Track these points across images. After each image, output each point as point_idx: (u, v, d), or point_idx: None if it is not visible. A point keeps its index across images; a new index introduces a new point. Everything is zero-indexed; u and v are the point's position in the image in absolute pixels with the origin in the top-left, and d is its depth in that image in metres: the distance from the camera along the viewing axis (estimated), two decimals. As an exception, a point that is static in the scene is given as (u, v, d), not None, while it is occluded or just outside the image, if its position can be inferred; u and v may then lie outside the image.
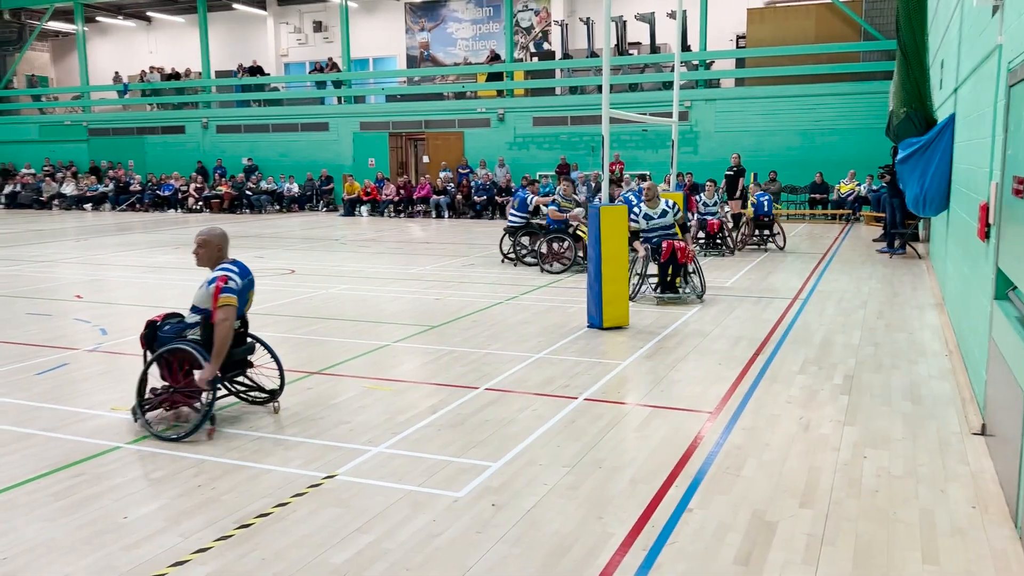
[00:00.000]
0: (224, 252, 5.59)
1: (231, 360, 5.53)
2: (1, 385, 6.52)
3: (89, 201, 28.62)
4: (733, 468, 4.70)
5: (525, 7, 29.31)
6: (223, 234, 5.64)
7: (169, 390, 5.46)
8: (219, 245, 5.56)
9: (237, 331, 5.51)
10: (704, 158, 23.37)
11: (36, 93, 35.68)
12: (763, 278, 11.89)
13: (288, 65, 33.39)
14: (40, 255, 15.48)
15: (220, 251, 5.56)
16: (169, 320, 5.69)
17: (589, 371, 6.89)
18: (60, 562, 3.66)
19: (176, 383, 5.45)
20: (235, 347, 5.52)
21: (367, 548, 3.78)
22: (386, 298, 10.62)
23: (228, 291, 5.32)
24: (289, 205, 26.85)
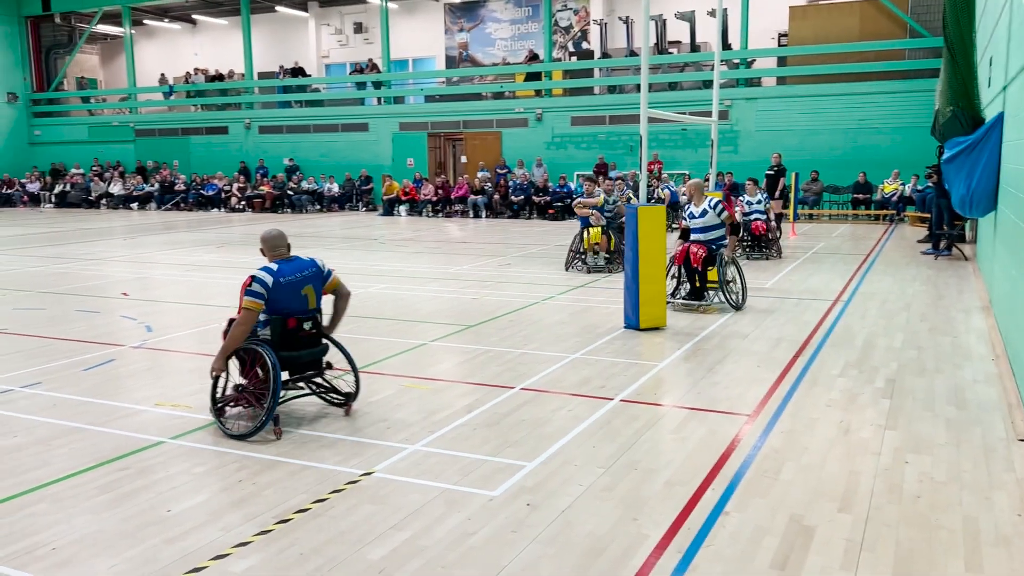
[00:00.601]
0: (275, 251, 5.57)
1: (299, 362, 5.54)
2: (51, 380, 6.69)
3: (135, 200, 29.23)
4: (771, 471, 4.65)
5: (564, 6, 29.26)
6: (271, 235, 5.63)
7: (238, 388, 5.50)
8: (268, 245, 5.59)
9: (306, 332, 5.49)
10: (744, 157, 23.12)
11: (85, 95, 36.54)
12: (804, 279, 11.74)
13: (329, 66, 33.76)
14: (88, 253, 15.86)
15: (270, 251, 5.58)
16: None
17: (625, 372, 6.86)
18: (106, 553, 3.75)
19: (248, 381, 5.49)
20: (302, 348, 5.50)
21: (403, 545, 3.82)
22: (424, 297, 10.69)
23: (251, 294, 5.31)
24: (329, 205, 27.15)
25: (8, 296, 10.91)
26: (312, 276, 5.58)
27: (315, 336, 5.64)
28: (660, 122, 21.39)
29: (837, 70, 22.42)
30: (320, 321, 5.68)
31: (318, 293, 5.64)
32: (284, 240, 5.67)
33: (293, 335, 5.45)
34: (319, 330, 5.68)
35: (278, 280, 5.38)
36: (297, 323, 5.47)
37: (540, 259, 14.42)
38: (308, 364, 5.64)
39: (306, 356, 5.56)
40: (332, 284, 5.72)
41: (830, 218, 21.89)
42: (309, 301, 5.55)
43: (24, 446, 5.15)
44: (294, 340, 5.46)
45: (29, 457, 4.96)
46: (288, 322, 5.42)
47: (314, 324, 5.62)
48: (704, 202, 9.63)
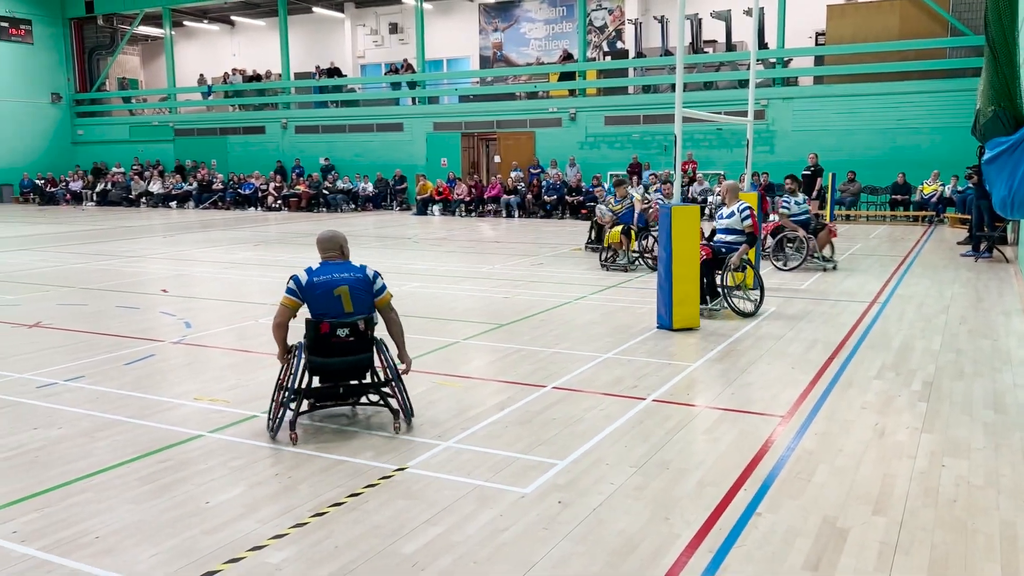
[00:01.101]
0: (325, 252, 5.49)
1: (330, 369, 5.32)
2: (93, 374, 6.86)
3: (174, 199, 29.73)
4: (804, 473, 4.63)
5: (599, 6, 29.21)
6: (323, 237, 5.55)
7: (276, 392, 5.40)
8: (319, 246, 5.52)
9: (340, 339, 5.23)
10: (780, 157, 22.90)
11: (126, 95, 37.26)
12: (840, 281, 11.61)
13: (364, 66, 34.04)
14: (129, 250, 16.18)
15: (321, 252, 5.51)
16: None
17: (658, 372, 6.85)
18: (147, 543, 3.85)
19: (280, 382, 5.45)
20: (334, 355, 5.26)
21: (435, 540, 3.87)
22: (456, 296, 10.76)
23: (287, 291, 5.29)
24: (364, 204, 27.37)
25: (52, 292, 11.17)
26: (352, 280, 5.33)
27: (351, 345, 5.28)
28: (695, 122, 21.27)
29: (876, 69, 22.11)
30: (364, 331, 5.30)
31: (357, 300, 5.31)
32: (336, 243, 5.51)
33: (325, 341, 5.23)
34: (360, 340, 5.31)
35: (312, 279, 5.28)
36: (331, 329, 5.21)
37: (573, 259, 14.42)
38: (343, 373, 5.37)
39: (339, 364, 5.29)
40: (382, 301, 5.45)
41: (867, 219, 21.60)
42: (343, 304, 5.27)
43: (68, 438, 5.29)
44: (326, 346, 5.24)
45: (73, 448, 5.09)
46: (320, 327, 5.21)
47: (353, 332, 5.27)
48: (735, 204, 9.41)
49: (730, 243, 9.29)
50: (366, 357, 5.37)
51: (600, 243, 13.89)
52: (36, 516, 4.13)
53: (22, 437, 5.30)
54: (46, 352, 7.67)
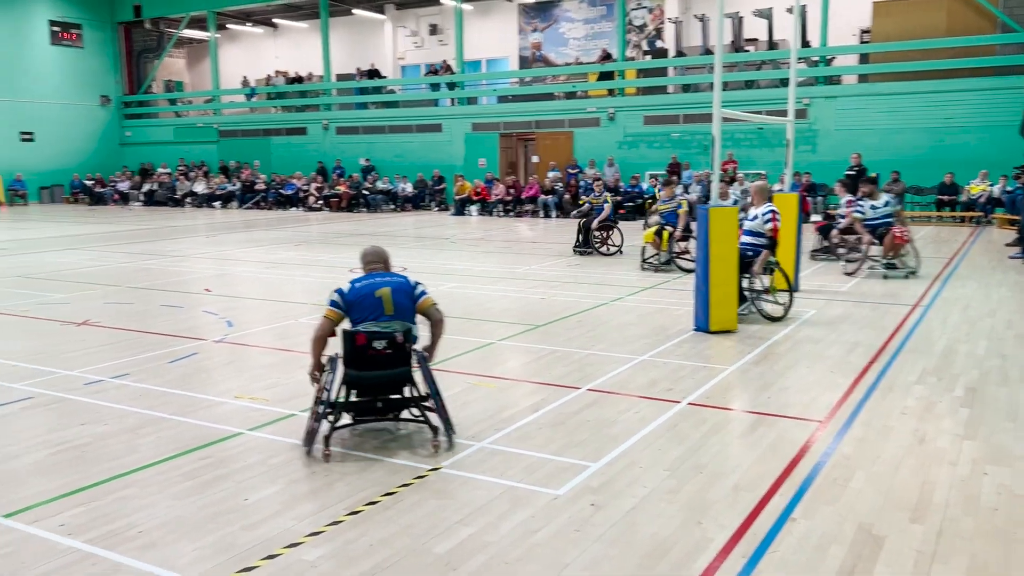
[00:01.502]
0: (367, 266, 5.45)
1: (365, 382, 5.13)
2: (138, 372, 7.03)
3: (218, 199, 30.25)
4: (841, 479, 4.57)
5: (639, 5, 29.07)
6: (366, 251, 5.52)
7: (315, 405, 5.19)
8: (362, 260, 5.50)
9: (377, 351, 5.03)
10: (823, 157, 22.58)
11: (172, 97, 38.03)
12: (882, 283, 11.42)
13: (404, 68, 34.30)
14: (174, 250, 16.52)
15: (363, 266, 5.46)
16: None
17: (694, 375, 6.82)
18: (188, 537, 3.94)
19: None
20: (370, 368, 5.07)
21: (468, 540, 3.91)
22: (492, 296, 10.80)
23: (331, 304, 5.19)
24: (403, 204, 27.58)
25: (99, 290, 11.46)
26: (393, 283, 5.26)
27: (388, 358, 5.08)
28: (734, 121, 21.06)
29: (922, 67, 21.67)
30: (402, 344, 5.10)
31: (398, 304, 5.19)
32: (379, 257, 5.48)
33: (361, 353, 5.04)
34: (397, 354, 5.10)
35: (354, 286, 5.22)
36: (367, 340, 5.02)
37: (609, 260, 14.39)
38: (379, 387, 5.18)
39: (374, 378, 5.10)
40: (424, 305, 5.31)
41: (912, 220, 21.18)
42: (384, 306, 5.16)
43: (113, 434, 5.44)
44: (362, 359, 5.05)
45: (118, 444, 5.23)
46: (357, 338, 5.03)
47: (390, 345, 5.06)
48: (762, 207, 9.17)
49: (755, 246, 9.07)
50: (404, 371, 5.17)
51: (588, 246, 14.98)
52: (82, 510, 4.25)
53: (69, 433, 5.46)
54: (93, 350, 7.88)
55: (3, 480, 4.68)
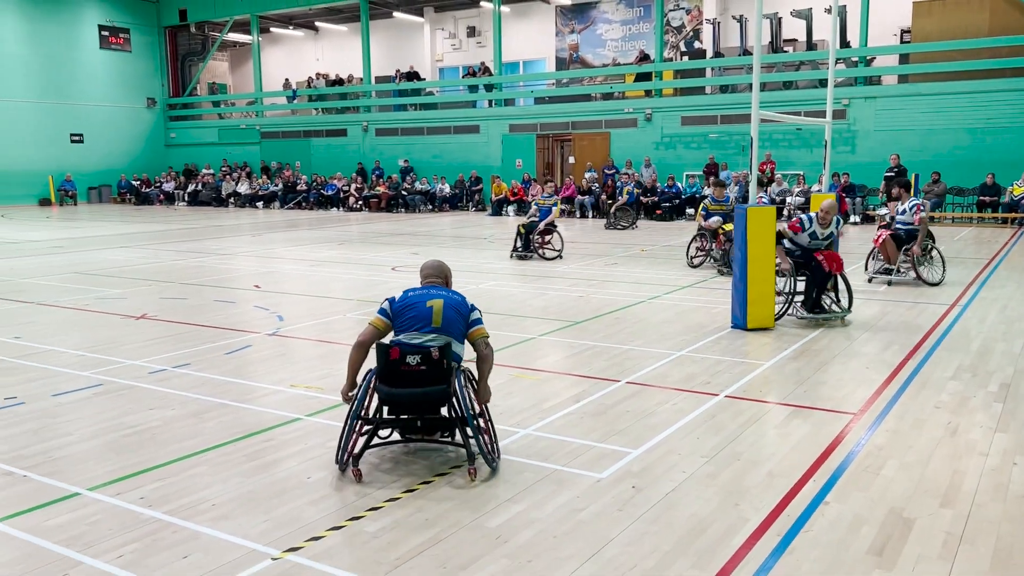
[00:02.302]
0: (427, 280, 5.09)
1: (396, 400, 4.77)
2: (199, 362, 7.40)
3: (260, 199, 30.92)
4: (873, 467, 4.75)
5: (676, 6, 29.14)
6: (425, 264, 5.19)
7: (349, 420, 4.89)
8: (421, 274, 5.15)
9: (411, 367, 4.68)
10: (862, 158, 22.51)
11: (216, 99, 38.90)
12: (920, 283, 11.46)
13: (443, 70, 34.72)
14: (220, 248, 17.04)
15: (423, 280, 5.11)
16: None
17: (731, 370, 7.01)
18: (258, 510, 4.26)
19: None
20: (402, 385, 4.71)
21: (517, 516, 4.17)
22: (531, 294, 11.06)
23: (379, 311, 4.88)
24: (441, 205, 27.97)
25: (153, 286, 11.93)
26: (447, 298, 4.90)
27: (422, 375, 4.69)
28: (772, 122, 21.10)
29: (964, 67, 21.50)
30: (439, 359, 4.70)
31: (448, 318, 4.81)
32: (439, 272, 5.12)
33: (394, 368, 4.69)
34: (432, 371, 4.70)
35: (407, 294, 4.90)
36: (400, 355, 4.67)
37: (646, 259, 14.57)
38: (411, 405, 4.81)
39: (405, 396, 4.73)
40: (474, 335, 4.92)
41: (953, 221, 21.04)
42: (433, 316, 4.79)
43: (180, 418, 5.79)
44: (394, 375, 4.70)
45: (186, 428, 5.58)
46: (391, 351, 4.69)
47: (424, 361, 4.68)
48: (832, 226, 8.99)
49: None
50: (439, 390, 4.75)
51: (528, 250, 14.72)
52: (159, 485, 4.59)
53: (140, 417, 5.82)
54: (154, 341, 8.29)
55: (84, 457, 5.05)
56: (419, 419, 4.89)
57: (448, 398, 4.82)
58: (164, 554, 3.79)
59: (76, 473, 4.78)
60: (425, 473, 4.74)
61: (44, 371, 7.10)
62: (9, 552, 3.84)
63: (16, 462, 4.95)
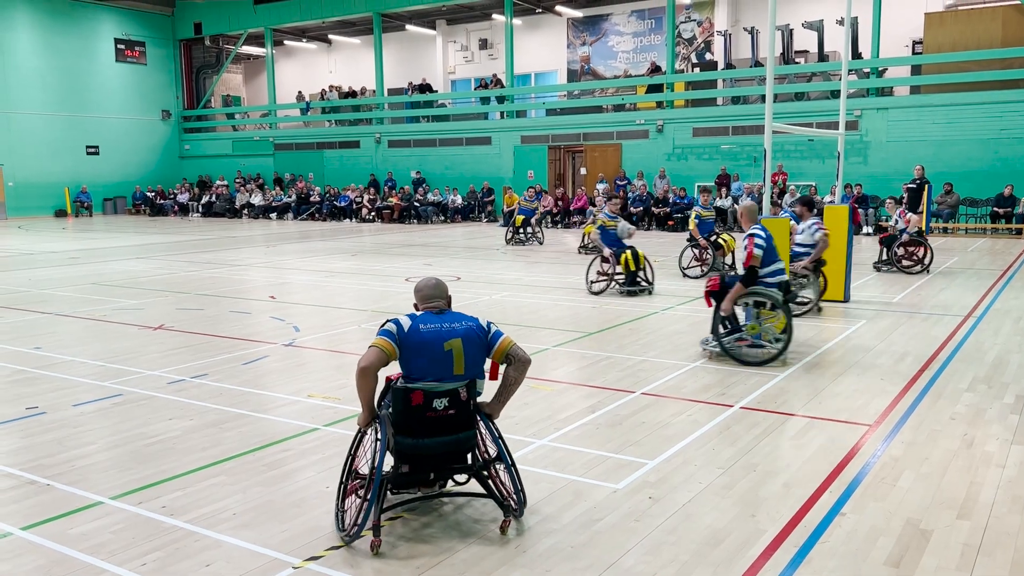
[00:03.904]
0: (427, 303, 4.35)
1: (423, 454, 4.13)
2: (216, 372, 7.47)
3: (274, 211, 31.12)
4: (889, 478, 4.76)
5: (688, 18, 29.25)
6: (425, 285, 4.43)
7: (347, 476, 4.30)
8: (420, 296, 4.41)
9: (437, 413, 4.10)
10: (874, 169, 22.49)
11: (230, 111, 39.21)
12: (934, 294, 11.45)
13: (455, 82, 34.91)
14: (235, 259, 17.16)
15: (422, 303, 4.38)
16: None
17: (746, 381, 7.02)
18: (278, 519, 4.31)
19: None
20: (428, 435, 4.10)
21: (536, 526, 4.20)
22: (545, 305, 11.09)
23: (381, 333, 4.15)
24: (453, 216, 28.08)
25: (171, 297, 12.04)
26: (464, 331, 4.20)
27: (452, 420, 4.15)
28: (785, 133, 21.12)
29: (977, 78, 21.48)
30: (466, 400, 4.19)
31: (470, 358, 4.19)
32: (441, 292, 4.39)
33: (418, 415, 4.08)
34: (462, 413, 4.18)
35: (416, 325, 4.15)
36: (425, 399, 4.07)
37: (659, 270, 14.56)
38: (438, 457, 4.19)
39: (434, 447, 4.12)
40: (501, 348, 4.30)
41: (966, 232, 20.97)
42: (454, 363, 4.14)
43: (199, 428, 5.85)
44: (419, 423, 4.09)
45: (205, 437, 5.64)
46: (412, 396, 4.07)
47: (453, 403, 4.13)
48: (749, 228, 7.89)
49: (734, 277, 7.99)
50: (469, 436, 4.24)
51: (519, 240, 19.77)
52: (180, 494, 4.64)
53: (160, 426, 5.89)
54: (172, 352, 8.37)
55: (106, 466, 5.11)
56: (434, 472, 4.27)
57: (476, 443, 4.31)
58: (187, 562, 3.84)
59: (99, 482, 4.84)
60: (441, 481, 4.77)
61: (65, 381, 7.18)
62: (35, 560, 3.90)
63: (40, 471, 5.02)
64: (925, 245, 13.64)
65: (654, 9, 29.60)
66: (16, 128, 32.15)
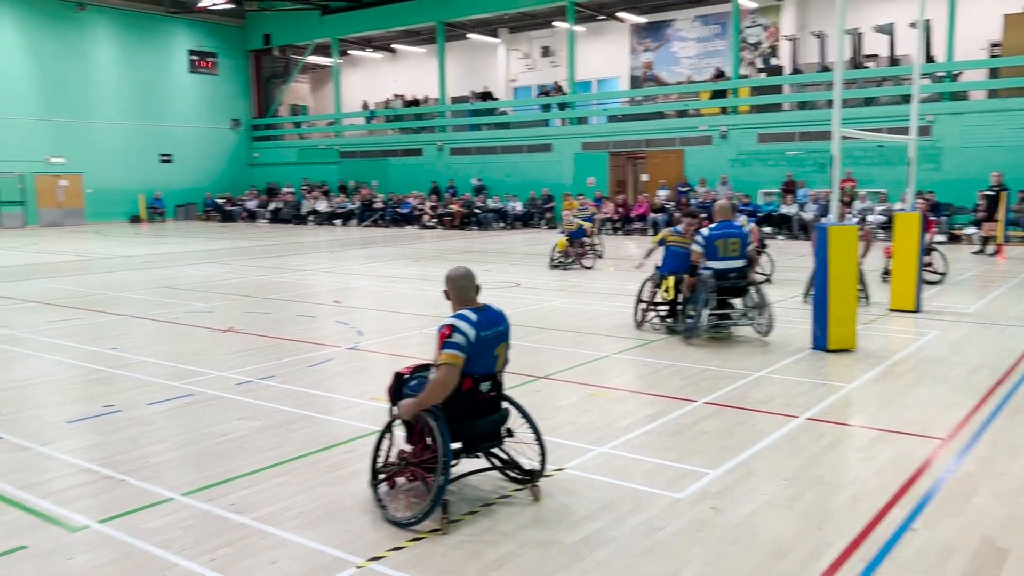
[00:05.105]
0: (463, 293, 4.59)
1: (477, 433, 4.55)
2: (283, 374, 7.64)
3: (338, 217, 31.68)
4: (964, 494, 4.60)
5: (753, 23, 28.83)
6: (459, 275, 4.62)
7: (401, 463, 4.62)
8: (455, 286, 4.61)
9: (485, 395, 4.52)
10: (948, 175, 21.78)
11: (297, 120, 40.11)
12: (1011, 305, 11.03)
13: (516, 89, 35.07)
14: (301, 264, 17.52)
15: (458, 294, 4.60)
16: (418, 374, 4.78)
17: (812, 391, 6.88)
18: (341, 518, 4.38)
19: (416, 452, 4.56)
20: (479, 416, 4.53)
21: (594, 534, 4.18)
22: (605, 312, 11.04)
23: (451, 346, 4.31)
24: (513, 222, 28.17)
25: (240, 301, 12.35)
26: (506, 333, 4.62)
27: (494, 400, 4.62)
28: (854, 139, 20.63)
29: (1058, 80, 20.63)
30: (501, 381, 4.67)
31: (505, 361, 4.69)
32: (473, 280, 4.63)
33: (468, 399, 4.43)
34: (498, 392, 4.66)
35: (480, 333, 4.40)
36: (473, 384, 4.44)
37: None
38: (485, 436, 4.60)
39: (484, 426, 4.56)
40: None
41: (1045, 241, 20.15)
42: (497, 362, 4.58)
43: (266, 428, 5.99)
44: (470, 406, 4.45)
45: (272, 437, 5.77)
46: (463, 383, 4.39)
47: (494, 385, 4.60)
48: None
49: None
50: (506, 412, 4.69)
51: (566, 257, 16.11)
52: (247, 492, 4.76)
53: (229, 426, 6.05)
54: (240, 354, 8.59)
55: (177, 464, 5.28)
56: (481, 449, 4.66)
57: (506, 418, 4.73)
58: (253, 559, 3.93)
59: (170, 479, 5.00)
60: (503, 488, 4.79)
61: (139, 381, 7.43)
62: (112, 552, 4.04)
63: (115, 466, 5.21)
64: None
65: (719, 14, 29.26)
66: (96, 138, 33.43)
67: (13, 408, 6.63)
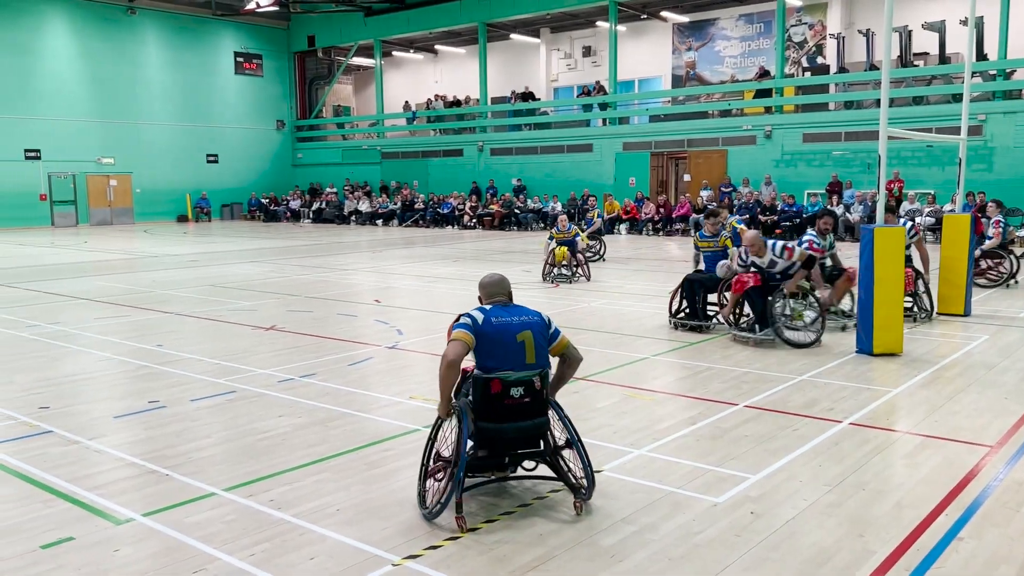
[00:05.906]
0: (492, 299, 4.73)
1: (503, 438, 4.46)
2: (324, 372, 7.73)
3: (380, 217, 31.96)
4: (1013, 503, 4.48)
5: (799, 21, 28.43)
6: (490, 281, 4.81)
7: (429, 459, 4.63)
8: (485, 292, 4.81)
9: (515, 400, 4.43)
10: (1000, 176, 21.25)
11: (340, 121, 40.54)
12: None
13: (557, 90, 35.02)
14: (343, 264, 17.71)
15: (487, 299, 4.76)
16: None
17: (856, 396, 6.75)
18: (379, 516, 4.42)
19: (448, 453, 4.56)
20: (507, 420, 4.42)
21: (631, 536, 4.15)
22: (645, 313, 10.97)
23: (457, 327, 4.53)
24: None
25: (282, 299, 12.53)
26: (534, 323, 4.59)
27: (527, 408, 4.46)
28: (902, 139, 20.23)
29: (1117, 78, 20.00)
30: (540, 389, 4.50)
31: (539, 347, 4.55)
32: (505, 288, 4.77)
33: (497, 402, 4.40)
34: (536, 401, 4.49)
35: (489, 318, 4.52)
36: (503, 388, 4.40)
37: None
38: (517, 442, 4.51)
39: (512, 432, 4.45)
40: (560, 346, 4.70)
41: (1104, 243, 19.52)
42: (526, 353, 4.51)
43: (307, 425, 6.07)
44: (498, 409, 4.41)
45: (312, 435, 5.84)
46: (491, 384, 4.40)
47: (528, 391, 4.44)
48: (768, 253, 9.00)
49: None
50: (543, 422, 4.54)
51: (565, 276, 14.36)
52: (287, 488, 4.82)
53: (270, 423, 6.13)
54: (282, 352, 8.70)
55: (220, 459, 5.37)
56: (509, 456, 4.57)
57: (548, 428, 4.60)
58: (293, 555, 3.98)
59: (213, 474, 5.08)
60: (540, 489, 4.78)
61: (183, 377, 7.58)
62: (156, 544, 4.12)
63: (160, 461, 5.31)
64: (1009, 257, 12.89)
65: (763, 13, 28.91)
66: (144, 138, 34.16)
67: (65, 402, 6.80)
